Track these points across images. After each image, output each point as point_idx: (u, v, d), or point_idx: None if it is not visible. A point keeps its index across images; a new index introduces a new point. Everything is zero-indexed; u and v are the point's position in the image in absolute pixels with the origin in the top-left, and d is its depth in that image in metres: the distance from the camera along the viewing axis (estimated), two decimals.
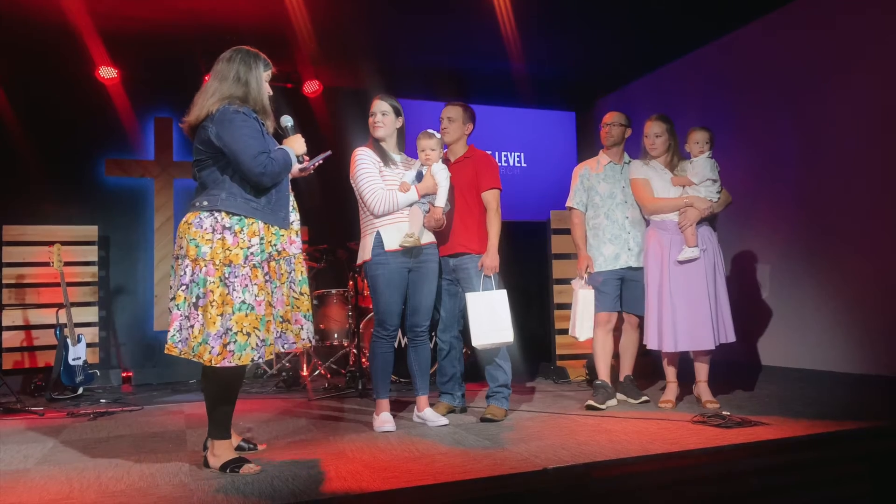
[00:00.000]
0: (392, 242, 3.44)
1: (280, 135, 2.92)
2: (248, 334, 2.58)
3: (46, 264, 5.30)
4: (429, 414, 3.55)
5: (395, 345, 3.69)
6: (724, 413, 3.40)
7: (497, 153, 7.06)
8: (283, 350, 2.76)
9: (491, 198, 3.73)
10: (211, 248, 2.59)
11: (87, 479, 2.65)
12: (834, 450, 2.94)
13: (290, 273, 2.77)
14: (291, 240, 2.80)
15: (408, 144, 3.72)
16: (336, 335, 5.61)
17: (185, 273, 2.58)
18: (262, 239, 2.67)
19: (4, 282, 5.57)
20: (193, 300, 2.57)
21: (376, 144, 3.54)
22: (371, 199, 3.43)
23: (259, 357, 2.60)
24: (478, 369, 4.12)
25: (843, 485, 2.86)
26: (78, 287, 5.66)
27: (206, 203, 2.64)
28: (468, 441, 3.11)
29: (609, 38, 5.80)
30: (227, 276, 2.58)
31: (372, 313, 3.90)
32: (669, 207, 3.89)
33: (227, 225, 2.62)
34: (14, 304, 5.59)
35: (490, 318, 3.56)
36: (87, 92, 5.87)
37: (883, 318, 4.35)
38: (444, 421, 3.51)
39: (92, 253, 5.79)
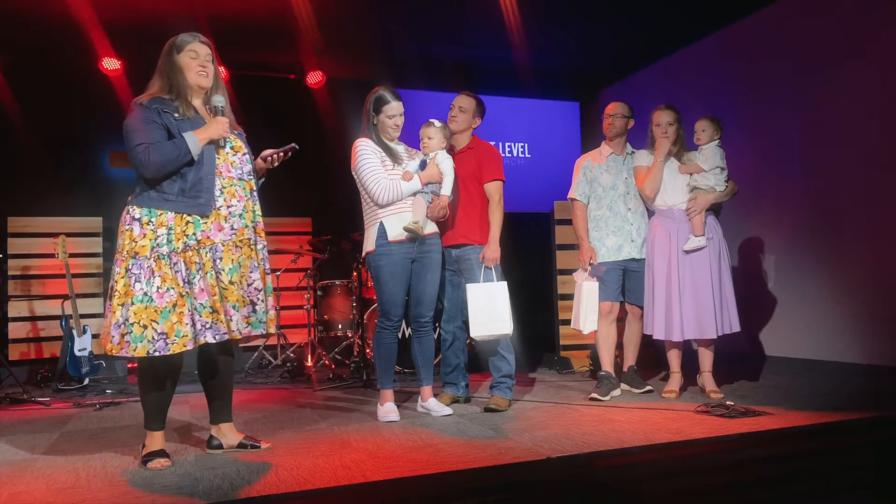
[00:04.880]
0: (395, 233, 3.44)
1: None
2: (145, 327, 2.53)
3: (51, 256, 5.31)
4: (433, 404, 3.56)
5: (399, 335, 3.70)
6: (727, 403, 3.40)
7: (501, 144, 7.04)
8: (214, 340, 2.61)
9: (494, 189, 3.72)
10: (122, 240, 2.63)
11: (94, 468, 2.67)
12: (838, 439, 2.94)
13: (216, 262, 2.66)
14: (220, 226, 2.68)
15: (413, 135, 3.72)
16: (340, 326, 5.63)
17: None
18: (170, 229, 2.61)
19: (10, 273, 5.59)
20: (109, 292, 2.64)
21: (377, 136, 3.53)
22: (374, 189, 3.42)
23: (156, 350, 2.52)
24: (481, 360, 4.13)
25: (846, 474, 2.86)
26: (83, 278, 5.68)
27: (129, 198, 2.70)
28: (472, 431, 3.12)
29: (613, 28, 5.77)
30: (130, 267, 2.59)
31: (376, 304, 3.90)
32: (653, 177, 3.90)
33: (137, 216, 2.63)
34: (20, 295, 5.62)
35: (489, 309, 3.56)
36: (91, 83, 5.87)
37: (888, 307, 4.34)
38: (447, 411, 3.52)
39: (97, 244, 5.81)
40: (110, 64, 5.85)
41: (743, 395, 3.80)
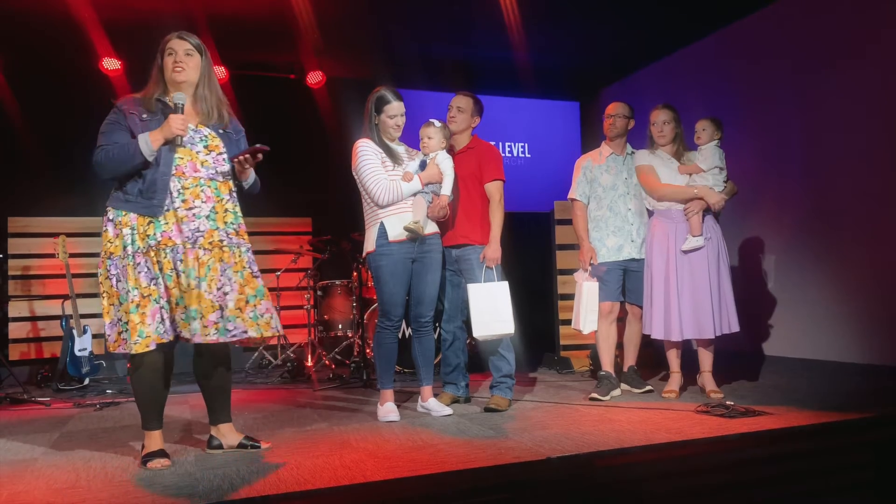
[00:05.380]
0: (396, 233, 3.44)
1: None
2: (128, 323, 2.59)
3: (52, 256, 5.32)
4: (433, 404, 3.56)
5: (400, 335, 3.70)
6: (727, 403, 3.40)
7: (501, 144, 7.04)
8: (168, 340, 2.60)
9: (494, 189, 3.72)
10: (102, 241, 2.69)
11: (94, 468, 2.67)
12: (838, 439, 2.94)
13: (177, 264, 2.61)
14: (179, 228, 2.63)
15: (413, 135, 3.72)
16: (340, 326, 5.63)
17: None
18: (133, 230, 2.64)
19: (10, 273, 5.59)
20: (101, 293, 2.69)
21: (381, 139, 3.53)
22: (375, 190, 3.42)
23: (131, 347, 2.55)
24: (482, 360, 4.13)
25: (846, 474, 2.87)
26: (83, 278, 5.68)
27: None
28: (472, 431, 3.12)
29: (613, 28, 5.77)
30: (108, 267, 2.65)
31: (376, 304, 3.90)
32: (678, 196, 3.84)
33: (111, 217, 2.68)
34: (20, 295, 5.62)
35: (491, 309, 3.57)
36: (91, 83, 5.87)
37: (888, 307, 4.34)
38: (447, 411, 3.52)
39: (97, 244, 5.69)
40: (110, 64, 5.85)
41: (743, 394, 3.80)
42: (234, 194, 2.82)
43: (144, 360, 2.64)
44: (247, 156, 2.73)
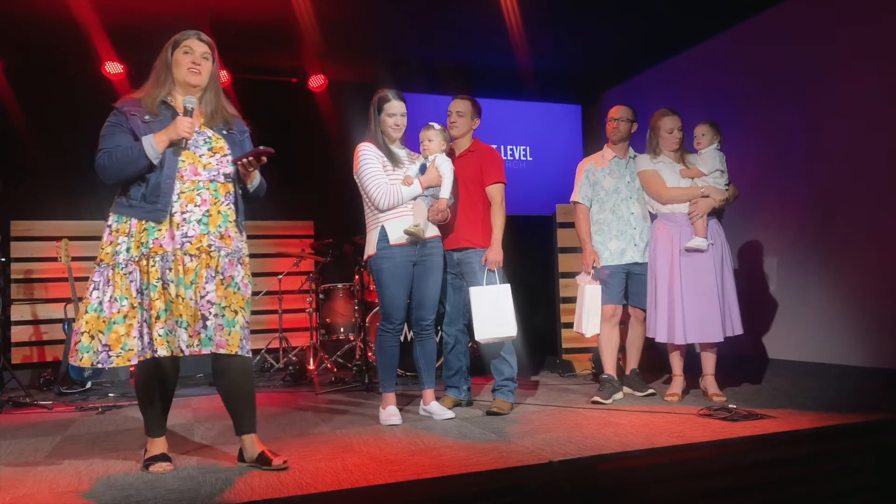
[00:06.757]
0: (397, 236, 3.44)
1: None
2: (93, 337, 2.48)
3: (54, 259, 5.32)
4: (435, 407, 3.56)
5: (401, 339, 3.70)
6: (730, 406, 3.40)
7: (502, 147, 7.05)
8: (161, 355, 2.49)
9: (495, 192, 3.72)
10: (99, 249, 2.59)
11: (96, 472, 2.67)
12: (840, 443, 2.93)
13: (165, 273, 2.50)
14: (172, 234, 2.53)
15: (414, 138, 3.72)
16: (342, 329, 5.63)
17: None
18: (130, 237, 2.54)
19: (13, 277, 5.60)
20: None
21: (382, 141, 3.53)
22: (375, 194, 3.43)
23: (99, 363, 2.46)
24: (483, 363, 4.13)
25: (849, 478, 2.86)
26: (86, 282, 5.67)
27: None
28: (474, 434, 3.12)
29: (615, 31, 5.77)
30: (94, 275, 2.56)
31: (378, 307, 3.90)
32: (685, 197, 3.85)
33: (109, 223, 2.59)
34: (22, 299, 5.63)
35: (493, 312, 3.57)
36: (94, 87, 5.87)
37: (891, 310, 4.32)
38: (449, 414, 3.52)
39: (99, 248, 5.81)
40: (113, 68, 5.86)
41: (745, 398, 3.80)
42: (233, 196, 2.69)
43: (148, 367, 2.58)
44: (250, 158, 2.62)
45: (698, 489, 2.65)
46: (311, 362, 5.72)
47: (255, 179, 2.78)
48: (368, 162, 3.46)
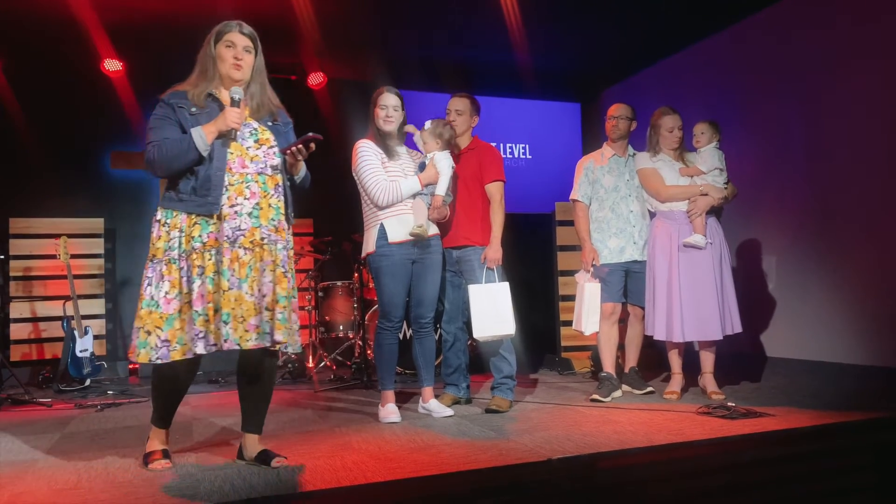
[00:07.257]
0: (395, 234, 3.44)
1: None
2: (150, 332, 2.46)
3: (53, 257, 5.32)
4: (434, 405, 3.56)
5: (400, 336, 3.70)
6: (729, 404, 3.40)
7: (502, 145, 7.04)
8: (205, 352, 2.47)
9: (495, 190, 3.72)
10: (149, 244, 2.57)
11: (95, 469, 2.67)
12: (839, 441, 2.93)
13: (219, 265, 2.48)
14: (221, 228, 2.51)
15: (409, 136, 3.72)
16: (341, 327, 5.62)
17: None
18: (181, 231, 2.51)
19: (12, 274, 5.60)
20: None
21: (379, 136, 3.53)
22: (374, 191, 3.43)
23: (158, 358, 2.45)
24: (482, 361, 4.14)
25: (848, 476, 2.86)
26: (85, 279, 5.69)
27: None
28: (473, 432, 3.12)
29: (614, 29, 5.77)
30: (147, 270, 2.53)
31: (377, 305, 3.90)
32: (684, 195, 3.87)
33: (158, 218, 2.56)
34: (21, 296, 5.62)
35: (492, 310, 3.57)
36: (93, 85, 5.87)
37: (890, 308, 4.33)
38: (449, 412, 3.52)
39: (98, 245, 5.81)
40: (112, 65, 5.84)
41: (744, 396, 3.80)
42: (281, 189, 2.68)
43: (179, 364, 2.54)
44: (299, 146, 2.61)
45: (697, 487, 2.66)
46: (311, 360, 5.72)
47: (301, 170, 2.78)
48: (367, 159, 3.46)
